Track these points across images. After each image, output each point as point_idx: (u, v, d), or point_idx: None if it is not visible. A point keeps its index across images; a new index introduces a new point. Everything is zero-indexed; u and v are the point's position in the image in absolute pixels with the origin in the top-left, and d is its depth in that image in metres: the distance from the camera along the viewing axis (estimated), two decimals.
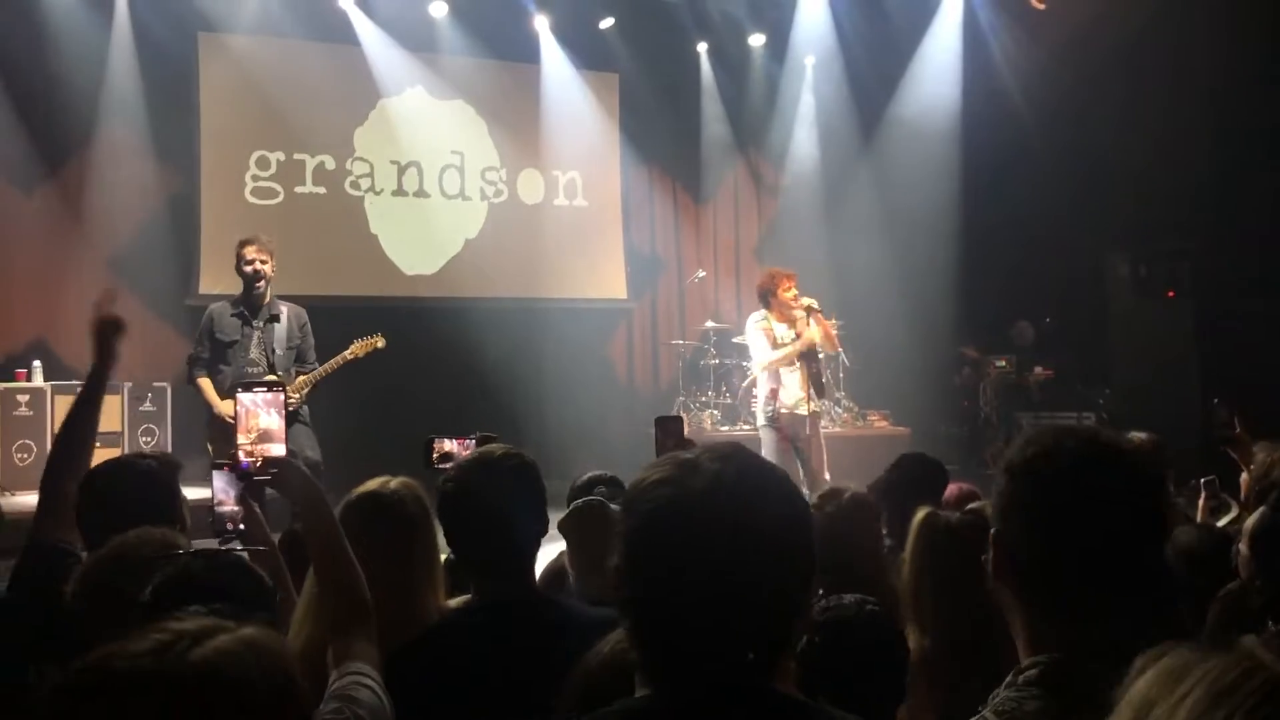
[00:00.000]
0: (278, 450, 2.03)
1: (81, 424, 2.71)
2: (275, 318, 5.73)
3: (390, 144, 9.99)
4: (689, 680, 1.10)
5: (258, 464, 2.03)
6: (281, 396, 2.11)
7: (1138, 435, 3.77)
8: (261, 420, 2.06)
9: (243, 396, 2.09)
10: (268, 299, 5.76)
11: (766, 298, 6.80)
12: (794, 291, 6.72)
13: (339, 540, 1.92)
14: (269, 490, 2.35)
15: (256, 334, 5.67)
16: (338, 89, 9.72)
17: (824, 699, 1.92)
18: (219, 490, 2.67)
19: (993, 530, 1.42)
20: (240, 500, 2.63)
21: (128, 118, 8.82)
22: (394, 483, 2.44)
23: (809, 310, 6.70)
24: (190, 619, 1.04)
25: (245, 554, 1.60)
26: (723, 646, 1.09)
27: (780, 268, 6.98)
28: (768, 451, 6.84)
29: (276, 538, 2.82)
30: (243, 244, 5.79)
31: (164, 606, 1.48)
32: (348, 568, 1.91)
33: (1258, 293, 9.00)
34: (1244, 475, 3.92)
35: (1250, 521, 2.66)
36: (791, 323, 6.77)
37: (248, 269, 5.68)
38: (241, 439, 2.07)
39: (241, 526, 2.66)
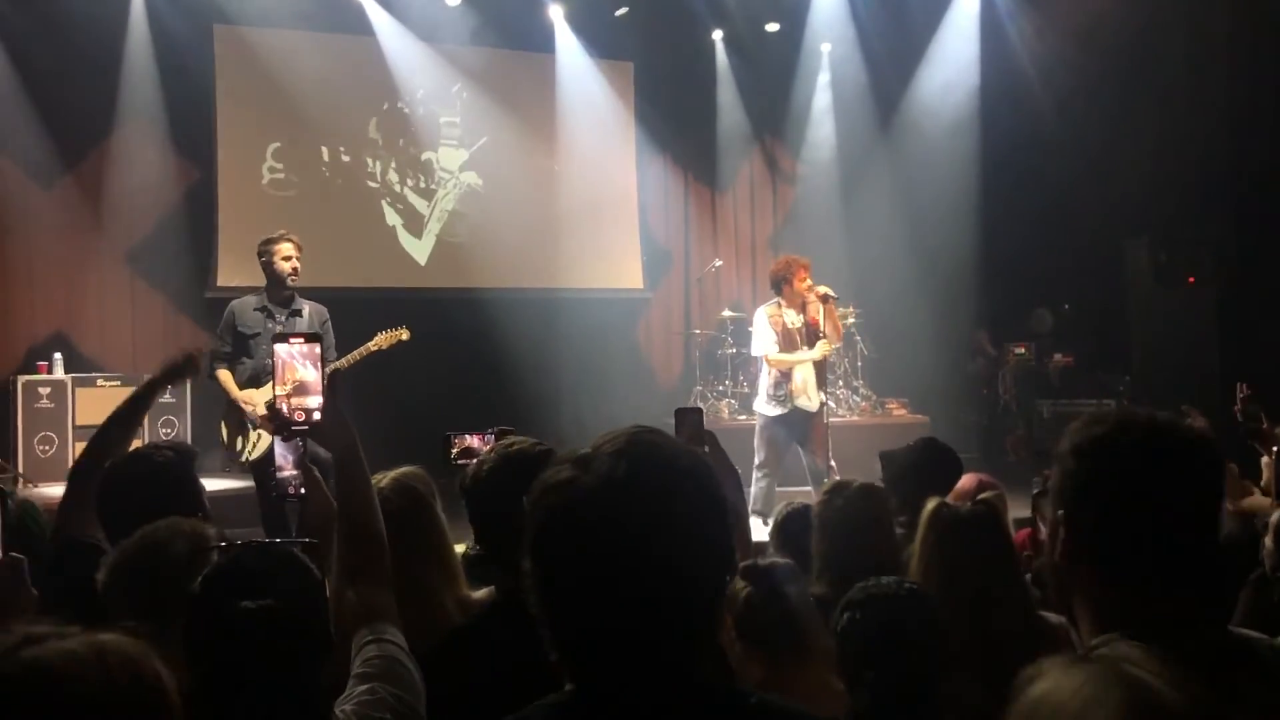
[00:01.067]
0: (314, 402, 2.03)
1: (123, 429, 2.73)
2: (297, 313, 5.74)
3: (406, 135, 9.99)
4: (603, 675, 1.10)
5: (296, 416, 2.03)
6: (318, 349, 2.09)
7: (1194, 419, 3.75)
8: (298, 372, 2.06)
9: (279, 348, 2.07)
10: (293, 296, 5.78)
11: (780, 285, 6.78)
12: (809, 282, 6.70)
13: (367, 487, 1.96)
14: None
15: (278, 328, 5.69)
16: (353, 80, 9.72)
17: (867, 675, 1.93)
18: (279, 456, 2.70)
19: (1060, 512, 1.40)
20: (299, 464, 2.67)
21: (145, 111, 8.85)
22: (384, 480, 2.43)
23: (824, 299, 6.69)
24: (48, 624, 1.01)
25: (297, 546, 1.58)
26: (631, 643, 1.08)
27: (797, 256, 6.96)
28: (759, 439, 6.86)
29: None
30: (277, 241, 5.73)
31: (213, 597, 1.48)
32: (369, 511, 1.93)
33: (1277, 279, 8.92)
34: (1265, 459, 3.90)
35: (1276, 515, 2.65)
36: (801, 310, 6.75)
37: (285, 265, 5.65)
38: (279, 390, 2.06)
39: (302, 490, 2.69)
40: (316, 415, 2.02)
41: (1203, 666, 1.25)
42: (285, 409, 2.04)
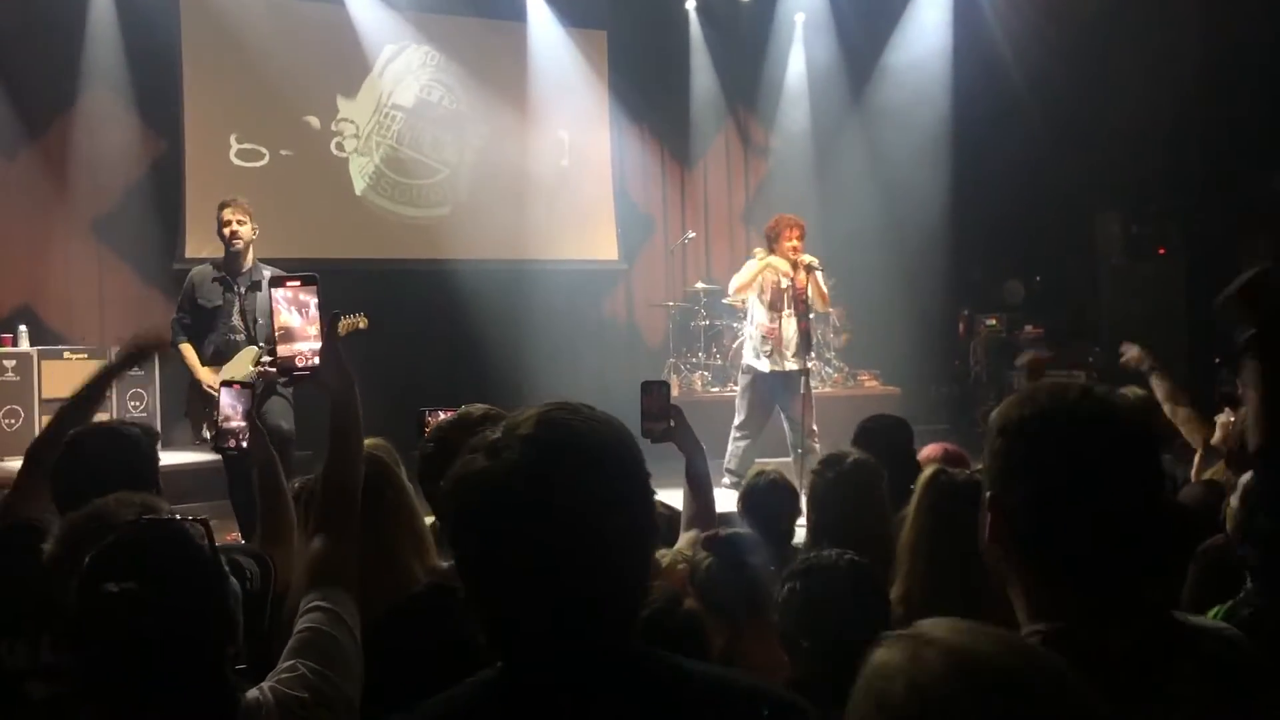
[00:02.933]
0: (302, 347, 1.98)
1: (82, 414, 2.71)
2: (257, 285, 5.62)
3: (376, 103, 9.88)
4: (529, 654, 1.11)
5: (294, 362, 1.98)
6: (305, 294, 2.01)
7: (1132, 390, 3.77)
8: (283, 317, 2.01)
9: (275, 293, 2.02)
10: (248, 264, 5.66)
11: (770, 244, 6.81)
12: (795, 243, 6.69)
13: (357, 438, 1.94)
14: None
15: (238, 301, 5.59)
16: (322, 47, 9.59)
17: (803, 645, 1.95)
18: (226, 406, 2.72)
19: (988, 494, 1.36)
20: (246, 416, 2.67)
21: (110, 80, 8.71)
22: None
23: (808, 269, 6.68)
24: None
25: (196, 523, 1.51)
26: (555, 623, 1.08)
27: (792, 215, 6.97)
28: (742, 396, 6.87)
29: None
30: (220, 206, 5.70)
31: (89, 580, 1.42)
32: (354, 464, 1.91)
33: (1246, 251, 8.98)
34: (1219, 418, 3.91)
35: (1245, 478, 2.66)
36: (791, 270, 6.74)
37: (225, 231, 5.60)
38: (279, 335, 2.01)
39: (244, 444, 2.70)
40: (314, 360, 1.97)
41: (1133, 659, 1.21)
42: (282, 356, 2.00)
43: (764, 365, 6.78)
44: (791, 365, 6.75)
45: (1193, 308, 9.52)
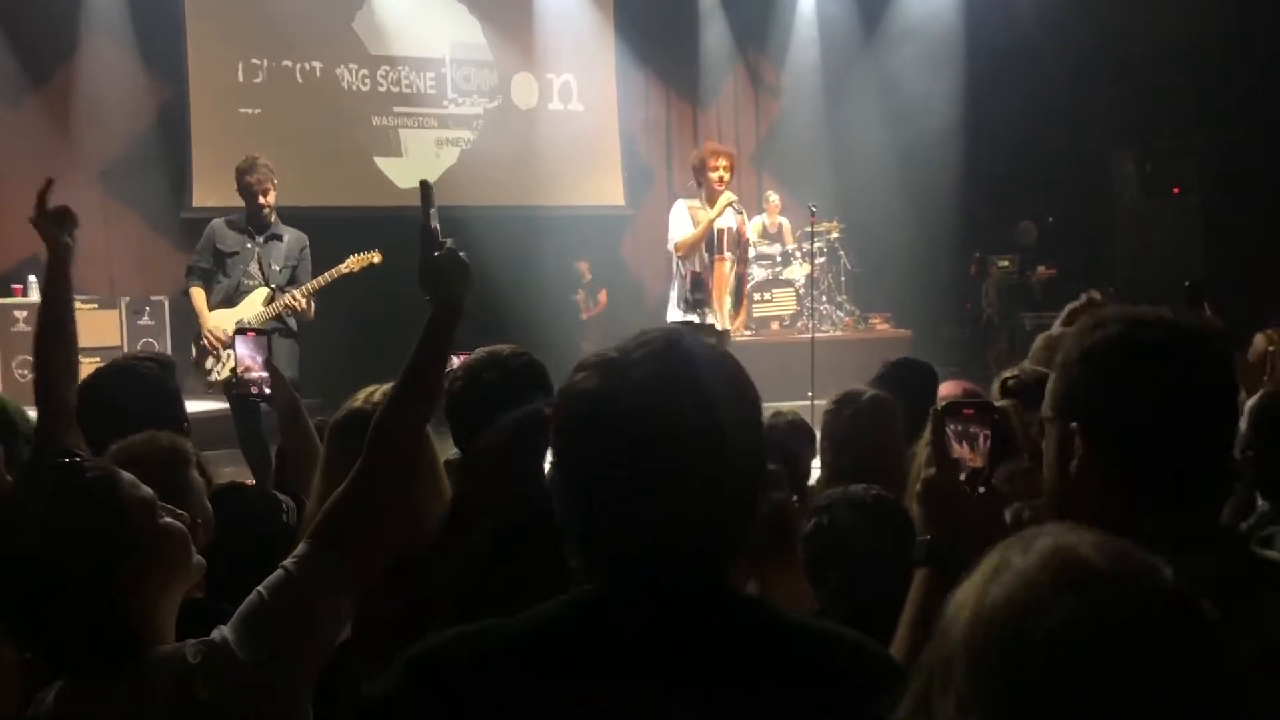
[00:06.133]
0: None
1: (54, 328, 2.58)
2: (277, 237, 5.66)
3: (380, 47, 9.77)
4: (627, 581, 1.07)
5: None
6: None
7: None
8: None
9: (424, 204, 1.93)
10: (272, 220, 5.70)
11: (698, 177, 6.09)
12: (722, 173, 5.96)
13: (441, 368, 1.84)
14: None
15: (257, 249, 5.62)
16: None
17: (832, 578, 1.94)
18: (244, 357, 2.69)
19: (1072, 425, 1.33)
20: (266, 365, 2.65)
21: (112, 26, 8.64)
22: (377, 394, 2.40)
23: (731, 205, 6.01)
24: None
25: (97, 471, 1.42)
26: (660, 551, 1.05)
27: (719, 144, 6.41)
28: None
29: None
30: (247, 170, 5.60)
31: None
32: (433, 393, 1.80)
33: (1263, 188, 8.88)
34: None
35: (1253, 400, 2.68)
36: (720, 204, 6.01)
37: (259, 198, 5.55)
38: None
39: (268, 391, 2.67)
40: None
41: (1227, 586, 1.21)
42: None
43: (693, 318, 5.78)
44: (719, 319, 5.93)
45: (1207, 247, 9.43)
